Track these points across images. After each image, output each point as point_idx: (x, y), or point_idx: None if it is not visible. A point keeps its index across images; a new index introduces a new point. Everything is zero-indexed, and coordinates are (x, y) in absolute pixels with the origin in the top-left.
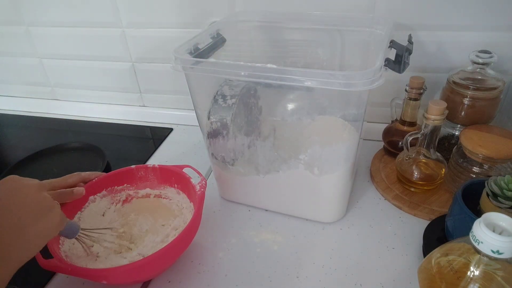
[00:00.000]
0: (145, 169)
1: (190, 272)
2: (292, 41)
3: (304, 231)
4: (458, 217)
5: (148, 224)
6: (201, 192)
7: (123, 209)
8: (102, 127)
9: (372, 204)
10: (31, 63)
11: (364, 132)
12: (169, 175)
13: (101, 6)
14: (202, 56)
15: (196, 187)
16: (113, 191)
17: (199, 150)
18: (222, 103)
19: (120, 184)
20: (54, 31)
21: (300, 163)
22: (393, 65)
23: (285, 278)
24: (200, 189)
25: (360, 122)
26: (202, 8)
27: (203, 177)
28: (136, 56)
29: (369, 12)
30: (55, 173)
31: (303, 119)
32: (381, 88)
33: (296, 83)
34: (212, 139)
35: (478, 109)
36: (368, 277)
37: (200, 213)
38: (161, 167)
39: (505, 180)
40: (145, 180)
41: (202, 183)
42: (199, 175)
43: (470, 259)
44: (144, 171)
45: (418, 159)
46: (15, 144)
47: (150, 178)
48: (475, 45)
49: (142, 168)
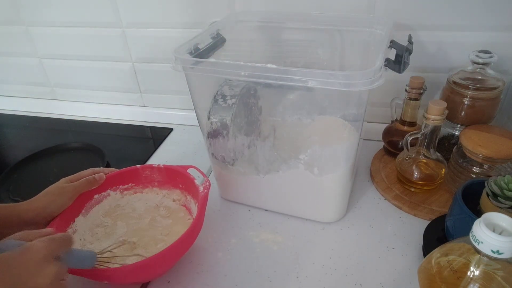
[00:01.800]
0: (150, 168)
1: (189, 272)
2: (292, 41)
3: (304, 231)
4: (458, 217)
5: (151, 225)
6: (204, 193)
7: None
8: (102, 127)
9: (372, 204)
10: (31, 63)
11: (364, 132)
12: (173, 175)
13: (101, 6)
14: (202, 56)
15: (200, 188)
16: (118, 189)
17: (199, 150)
18: (222, 103)
19: (125, 184)
20: (54, 31)
21: (300, 163)
22: (393, 65)
23: (285, 278)
24: (204, 190)
25: (360, 122)
26: (202, 8)
27: (207, 178)
28: (136, 56)
29: (369, 12)
30: (55, 173)
31: (303, 119)
32: (381, 88)
33: (296, 83)
34: (212, 139)
35: (478, 109)
36: (368, 277)
37: (202, 214)
38: (166, 167)
39: (505, 180)
40: (150, 180)
41: (206, 184)
42: (203, 176)
43: (470, 259)
44: (149, 171)
45: (418, 159)
46: (15, 144)
47: (155, 178)
48: (475, 45)
49: (147, 168)
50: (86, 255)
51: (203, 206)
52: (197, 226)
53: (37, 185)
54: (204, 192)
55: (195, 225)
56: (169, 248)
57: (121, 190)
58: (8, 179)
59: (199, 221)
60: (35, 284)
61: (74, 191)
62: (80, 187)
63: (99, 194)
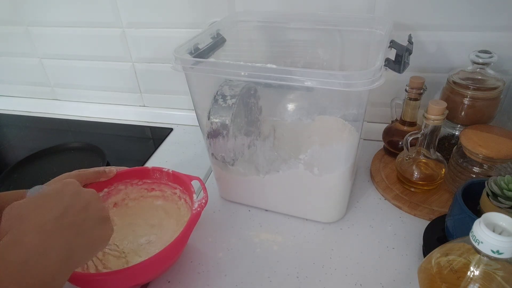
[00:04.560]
0: (160, 171)
1: (189, 272)
2: (292, 41)
3: (304, 231)
4: (458, 217)
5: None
6: (197, 211)
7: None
8: (102, 127)
9: (372, 204)
10: (31, 63)
11: (364, 132)
12: (179, 183)
13: (101, 6)
14: (202, 56)
15: (195, 204)
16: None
17: (199, 150)
18: (222, 103)
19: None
20: (54, 31)
21: (300, 163)
22: (393, 65)
23: (285, 278)
24: (197, 208)
25: (360, 122)
26: (202, 8)
27: (207, 194)
28: (136, 56)
29: (369, 12)
30: (55, 173)
31: (303, 119)
32: (381, 88)
33: (296, 83)
34: (212, 139)
35: (478, 109)
36: (368, 277)
37: (187, 235)
38: (174, 173)
39: (505, 180)
40: (159, 182)
41: (202, 202)
42: (203, 192)
43: (470, 259)
44: (159, 173)
45: (418, 159)
46: (15, 144)
47: (163, 181)
48: (475, 45)
49: (157, 170)
50: None
51: (190, 225)
52: (179, 244)
53: (37, 185)
54: (197, 210)
55: (175, 243)
56: (140, 264)
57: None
58: (8, 179)
59: (181, 241)
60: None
61: (78, 176)
62: (86, 175)
63: (108, 188)
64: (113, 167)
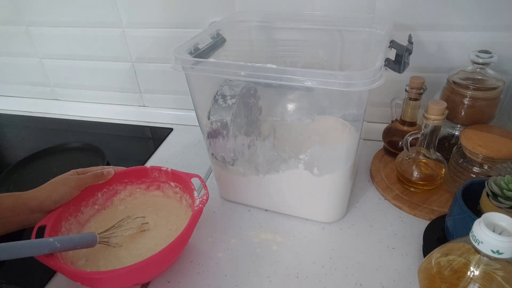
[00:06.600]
0: (158, 170)
1: (189, 272)
2: (292, 41)
3: (304, 231)
4: (458, 217)
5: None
6: (199, 207)
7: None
8: (102, 127)
9: (372, 204)
10: (31, 63)
11: (364, 132)
12: (179, 181)
13: (101, 6)
14: (202, 56)
15: (196, 201)
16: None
17: (199, 150)
18: (222, 103)
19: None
20: (54, 31)
21: (300, 163)
22: (393, 65)
23: (285, 278)
24: (199, 205)
25: (360, 122)
26: (202, 8)
27: (207, 191)
28: (136, 56)
29: (369, 12)
30: (55, 173)
31: (303, 119)
32: (381, 88)
33: (296, 83)
34: (212, 139)
35: (478, 109)
36: (368, 277)
37: (190, 232)
38: (173, 172)
39: (505, 180)
40: (159, 181)
41: (203, 198)
42: (204, 188)
43: (470, 259)
44: (158, 172)
45: (418, 159)
46: (15, 144)
47: (162, 180)
48: (475, 45)
49: (156, 169)
50: (88, 236)
51: (193, 222)
52: (180, 242)
53: (37, 185)
54: (199, 206)
55: (178, 240)
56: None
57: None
58: (8, 179)
59: (184, 238)
60: None
61: (78, 182)
62: (85, 179)
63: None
64: (111, 167)
